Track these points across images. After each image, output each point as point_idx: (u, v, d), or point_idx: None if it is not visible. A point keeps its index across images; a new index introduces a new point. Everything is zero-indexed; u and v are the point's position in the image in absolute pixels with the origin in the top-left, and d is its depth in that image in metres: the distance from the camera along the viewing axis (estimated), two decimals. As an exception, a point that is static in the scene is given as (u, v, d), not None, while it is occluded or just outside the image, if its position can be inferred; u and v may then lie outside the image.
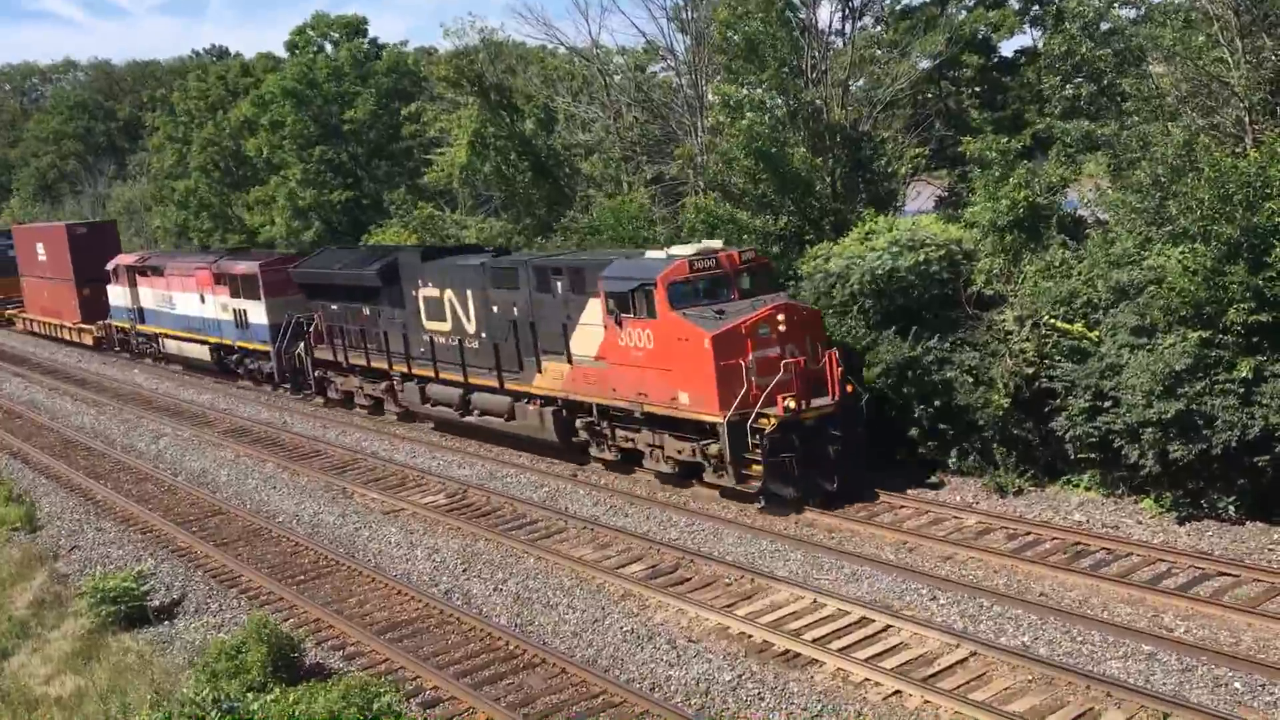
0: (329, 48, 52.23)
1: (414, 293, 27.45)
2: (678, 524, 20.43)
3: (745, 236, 26.75)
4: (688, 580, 17.88)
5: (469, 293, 25.67)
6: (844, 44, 31.06)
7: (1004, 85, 31.31)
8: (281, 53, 57.34)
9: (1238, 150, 19.87)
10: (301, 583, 19.64)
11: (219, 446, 30.09)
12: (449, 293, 26.34)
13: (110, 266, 43.94)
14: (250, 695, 13.78)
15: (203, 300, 37.55)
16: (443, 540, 21.03)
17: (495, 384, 25.30)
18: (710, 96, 30.65)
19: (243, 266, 35.57)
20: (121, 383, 41.37)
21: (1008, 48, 33.51)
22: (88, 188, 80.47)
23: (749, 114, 26.74)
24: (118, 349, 46.49)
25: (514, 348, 24.62)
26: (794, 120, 28.25)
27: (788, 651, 15.14)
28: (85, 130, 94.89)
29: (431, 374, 27.52)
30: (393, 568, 19.98)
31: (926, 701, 13.51)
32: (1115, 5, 25.91)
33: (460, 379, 26.36)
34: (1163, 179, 19.74)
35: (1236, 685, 13.13)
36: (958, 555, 17.67)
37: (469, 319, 25.87)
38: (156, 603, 19.27)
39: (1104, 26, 25.50)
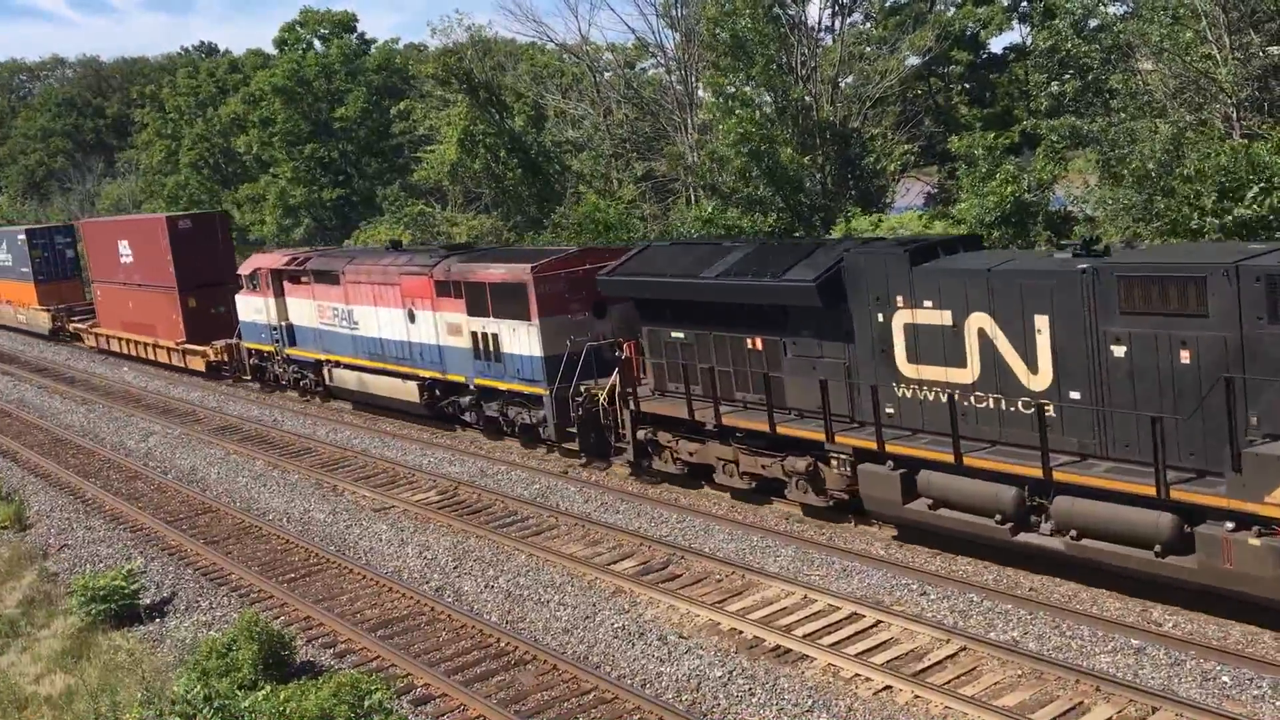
0: (318, 44, 52.13)
1: (882, 316, 17.59)
2: (669, 520, 20.46)
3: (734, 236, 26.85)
4: (679, 576, 17.91)
5: (1038, 319, 15.60)
6: (833, 41, 31.15)
7: (993, 82, 31.40)
8: (271, 49, 57.23)
9: (1223, 144, 19.97)
10: (292, 580, 19.62)
11: (209, 444, 30.04)
12: (980, 319, 16.33)
13: (245, 271, 34.49)
14: (241, 693, 13.77)
15: (411, 318, 27.54)
16: (434, 537, 21.03)
17: (1150, 490, 14.22)
18: (701, 93, 30.72)
19: (499, 271, 24.99)
20: (111, 381, 41.25)
21: (997, 44, 33.68)
22: (77, 185, 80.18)
23: (739, 111, 26.82)
24: (248, 378, 36.67)
25: (1201, 422, 14.05)
26: (782, 117, 28.32)
27: (778, 647, 15.18)
28: (74, 127, 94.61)
29: (926, 454, 16.97)
30: (383, 565, 19.97)
31: (917, 697, 13.55)
32: (1103, 2, 26.02)
33: (1018, 470, 15.82)
34: (1152, 174, 19.86)
35: (1224, 679, 13.20)
36: (944, 552, 17.72)
37: (1033, 364, 15.85)
38: (147, 601, 19.23)
39: (1092, 23, 25.62)
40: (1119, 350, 14.72)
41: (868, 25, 32.04)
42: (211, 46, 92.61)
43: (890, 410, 17.41)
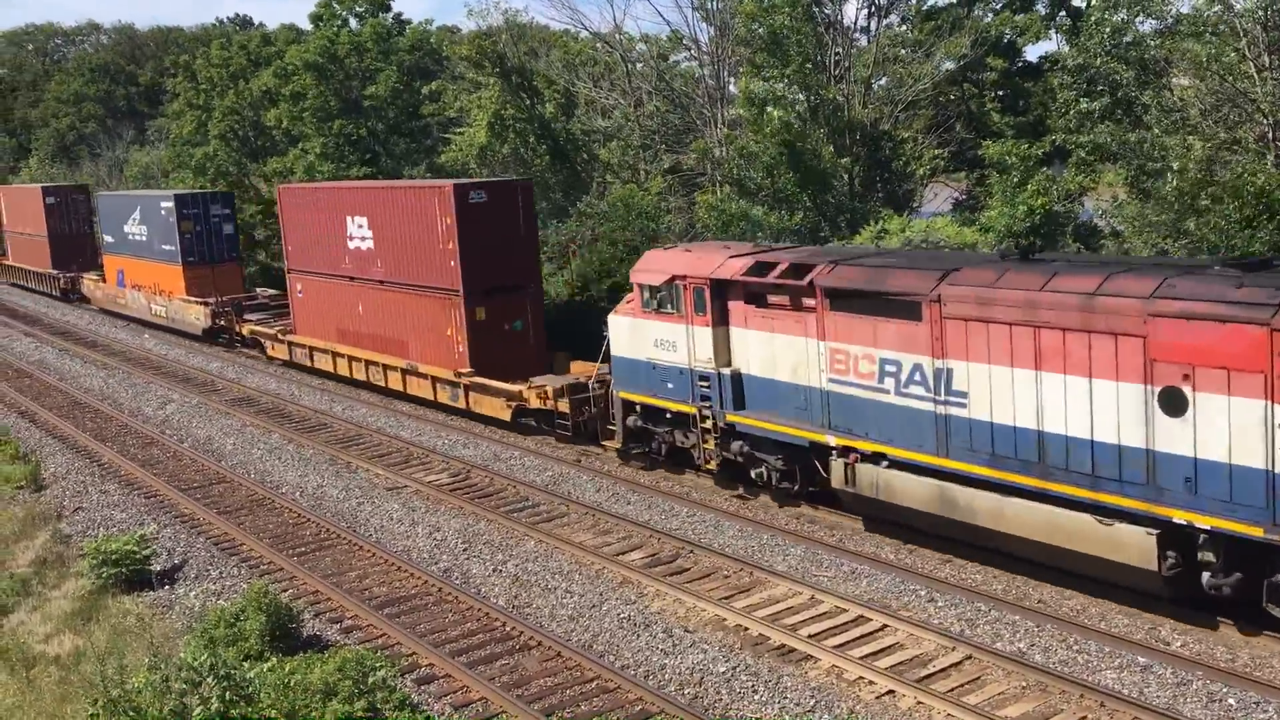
0: (353, 22, 52.22)
1: None
2: (679, 514, 20.47)
3: (759, 235, 26.77)
4: (686, 570, 17.92)
5: None
6: (868, 42, 31.01)
7: (1027, 90, 31.20)
8: (305, 24, 57.37)
9: (1261, 166, 19.80)
10: (302, 554, 19.73)
11: (226, 415, 30.20)
12: None
13: (648, 277, 21.12)
14: (247, 663, 13.85)
15: (1174, 404, 14.14)
16: (444, 519, 21.10)
17: None
18: (733, 89, 30.65)
19: None
20: (131, 347, 41.50)
21: (1033, 53, 33.42)
22: (106, 151, 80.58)
23: (778, 110, 26.74)
24: (621, 446, 22.99)
25: None
26: (815, 116, 28.22)
27: (783, 646, 15.18)
28: (106, 93, 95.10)
29: None
30: (393, 544, 20.05)
31: (919, 703, 13.53)
32: (1138, 19, 25.80)
33: None
34: (1185, 193, 19.71)
35: (1230, 701, 13.13)
36: (955, 559, 17.67)
37: None
38: (158, 567, 19.37)
39: (1125, 39, 25.42)
40: None
41: (904, 28, 31.91)
42: (246, 19, 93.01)
43: None
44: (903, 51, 30.52)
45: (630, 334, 21.63)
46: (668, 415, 21.31)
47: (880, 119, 29.35)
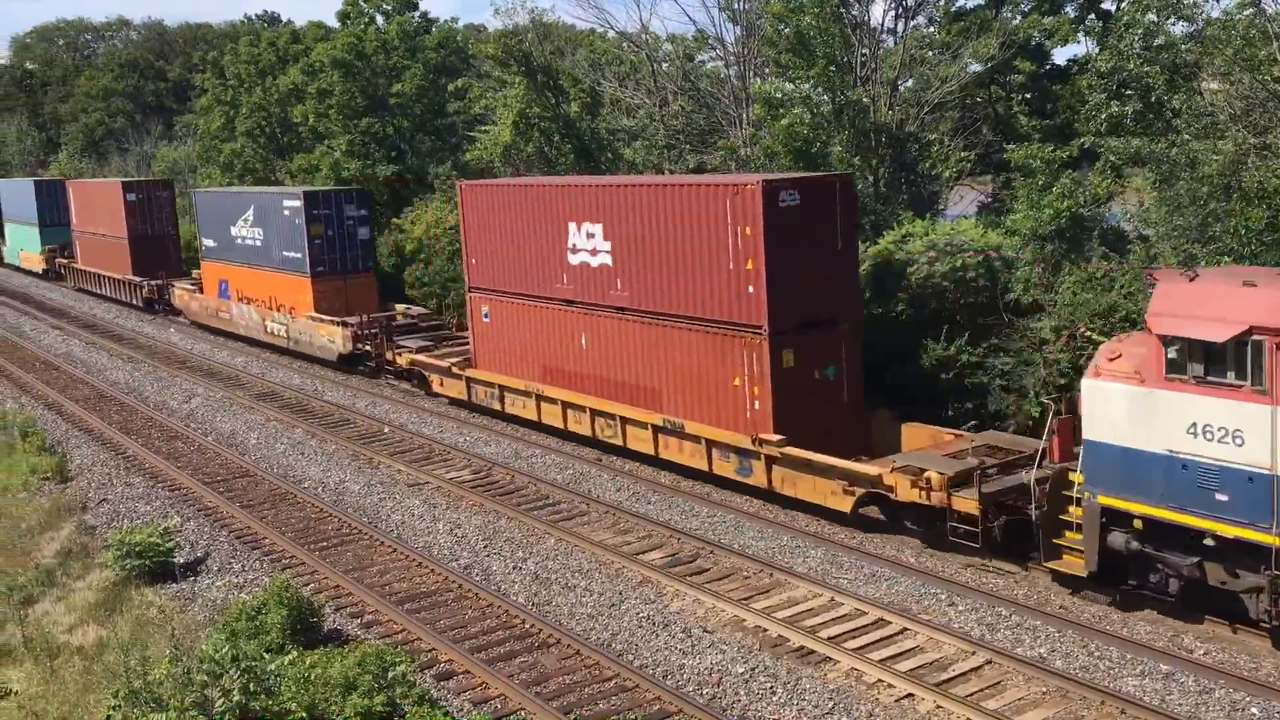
0: (380, 20, 52.40)
1: None
2: (699, 514, 20.46)
3: None
4: (706, 571, 17.91)
5: None
6: (895, 43, 30.88)
7: (1055, 93, 31.00)
8: (332, 21, 57.62)
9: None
10: (324, 549, 19.83)
11: (250, 409, 30.38)
12: None
13: (1199, 330, 14.14)
14: (268, 656, 13.93)
15: None
16: (465, 515, 21.16)
17: None
18: (754, 90, 30.59)
19: None
20: (157, 340, 41.80)
21: (1061, 55, 33.23)
22: (134, 146, 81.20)
23: (794, 110, 26.68)
24: (1098, 574, 16.00)
25: None
26: (839, 118, 28.13)
27: (802, 648, 15.16)
28: (135, 89, 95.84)
29: None
30: (414, 540, 20.13)
31: (939, 707, 13.48)
32: (1169, 21, 25.58)
33: None
34: (1205, 197, 19.54)
35: (1254, 711, 13.02)
36: (977, 561, 17.59)
37: None
38: (181, 559, 19.52)
39: (1155, 42, 25.20)
40: None
41: (931, 29, 31.76)
42: (274, 16, 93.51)
43: None
44: (930, 53, 30.37)
45: (1134, 410, 14.77)
46: (1202, 540, 14.60)
47: (906, 121, 29.22)
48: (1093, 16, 30.64)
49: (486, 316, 27.17)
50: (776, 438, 19.77)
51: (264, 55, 58.82)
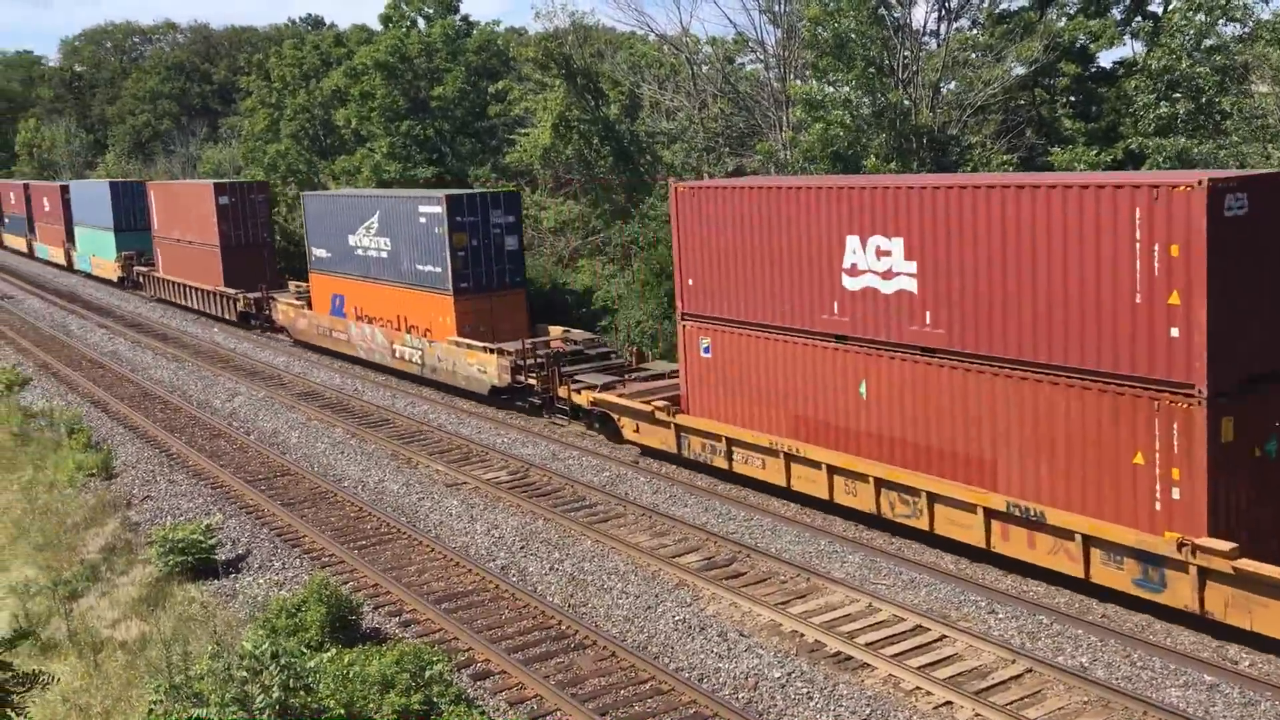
0: (422, 23, 52.80)
1: None
2: (736, 517, 20.41)
3: None
4: (742, 574, 17.86)
5: None
6: (937, 45, 30.67)
7: (1100, 96, 30.64)
8: (375, 24, 58.13)
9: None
10: (363, 547, 19.98)
11: (291, 408, 30.67)
12: None
13: None
14: (307, 653, 14.05)
15: None
16: (502, 516, 21.24)
17: None
18: (794, 92, 30.49)
19: None
20: (201, 340, 42.30)
21: (1106, 58, 32.81)
22: (180, 148, 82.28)
23: (834, 112, 26.57)
24: None
25: None
26: (879, 120, 27.98)
27: (839, 653, 15.07)
28: (181, 91, 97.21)
29: None
30: (452, 539, 20.23)
31: (978, 715, 13.36)
32: (1220, 21, 25.23)
33: None
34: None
35: (1300, 724, 12.78)
36: (1015, 571, 17.40)
37: None
38: (222, 556, 19.73)
39: (1206, 43, 24.89)
40: None
41: (974, 31, 31.50)
42: (318, 19, 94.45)
43: None
44: (973, 55, 30.13)
45: None
46: None
47: (948, 123, 29.01)
48: (1140, 18, 30.28)
49: (707, 351, 21.98)
50: (1223, 545, 14.15)
51: (308, 58, 59.47)
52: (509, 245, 30.51)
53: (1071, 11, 30.47)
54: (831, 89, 28.42)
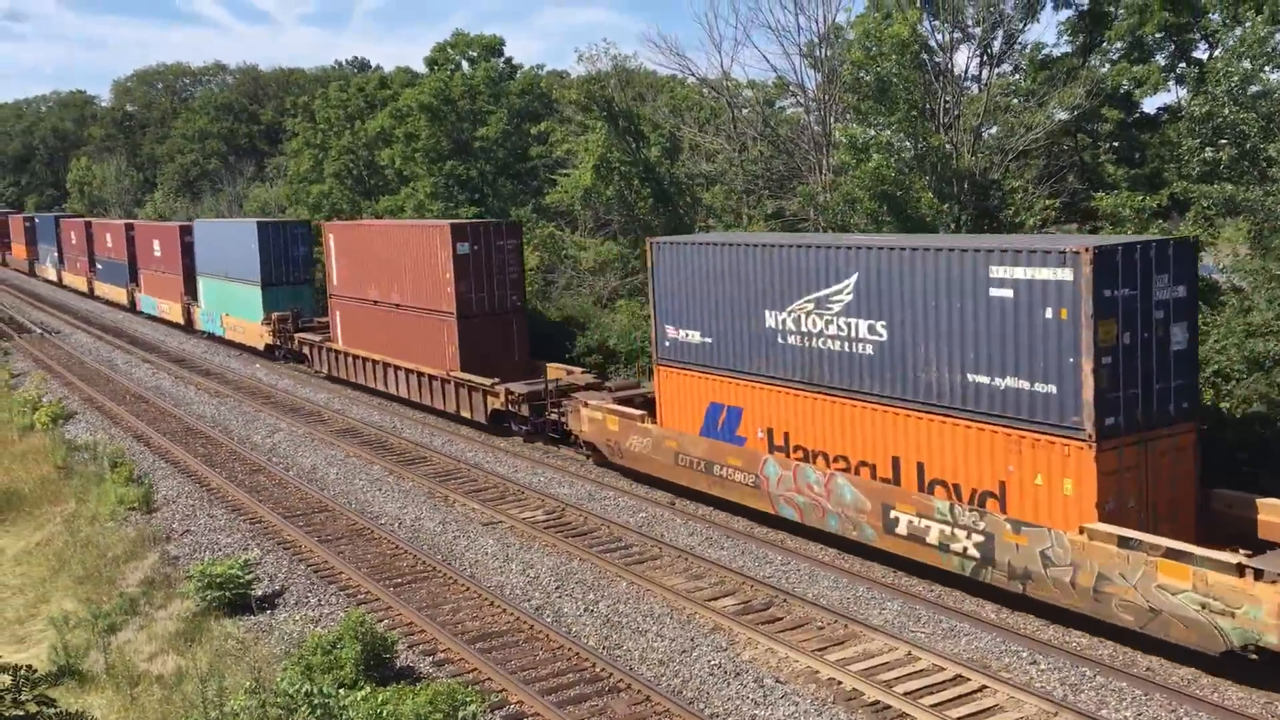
0: (466, 66, 53.54)
1: None
2: (773, 561, 20.23)
3: None
4: (779, 620, 17.67)
5: None
6: (979, 90, 30.65)
7: (1144, 142, 30.45)
8: (419, 67, 59.05)
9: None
10: (399, 585, 19.97)
11: (330, 445, 30.85)
12: None
13: None
14: (341, 691, 14.04)
15: None
16: (538, 556, 21.18)
17: None
18: (837, 135, 30.54)
19: None
20: (243, 376, 42.73)
21: (1150, 104, 32.65)
22: (227, 187, 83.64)
23: (876, 155, 26.59)
24: None
25: None
26: (921, 164, 27.95)
27: (877, 702, 14.83)
28: (229, 131, 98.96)
29: None
30: (488, 579, 20.18)
31: (1019, 768, 13.07)
32: (1265, 68, 25.02)
33: None
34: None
35: (1355, 786, 12.38)
36: (1056, 621, 17.10)
37: None
38: (259, 592, 19.79)
39: (1252, 89, 24.68)
40: None
41: (1016, 77, 31.47)
42: (364, 62, 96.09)
43: None
44: (1014, 101, 30.08)
45: None
46: None
47: (990, 168, 28.91)
48: (1184, 64, 30.13)
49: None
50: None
51: (353, 100, 60.41)
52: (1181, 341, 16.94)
53: (1115, 57, 30.37)
54: (874, 132, 28.44)
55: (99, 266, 69.38)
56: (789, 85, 35.83)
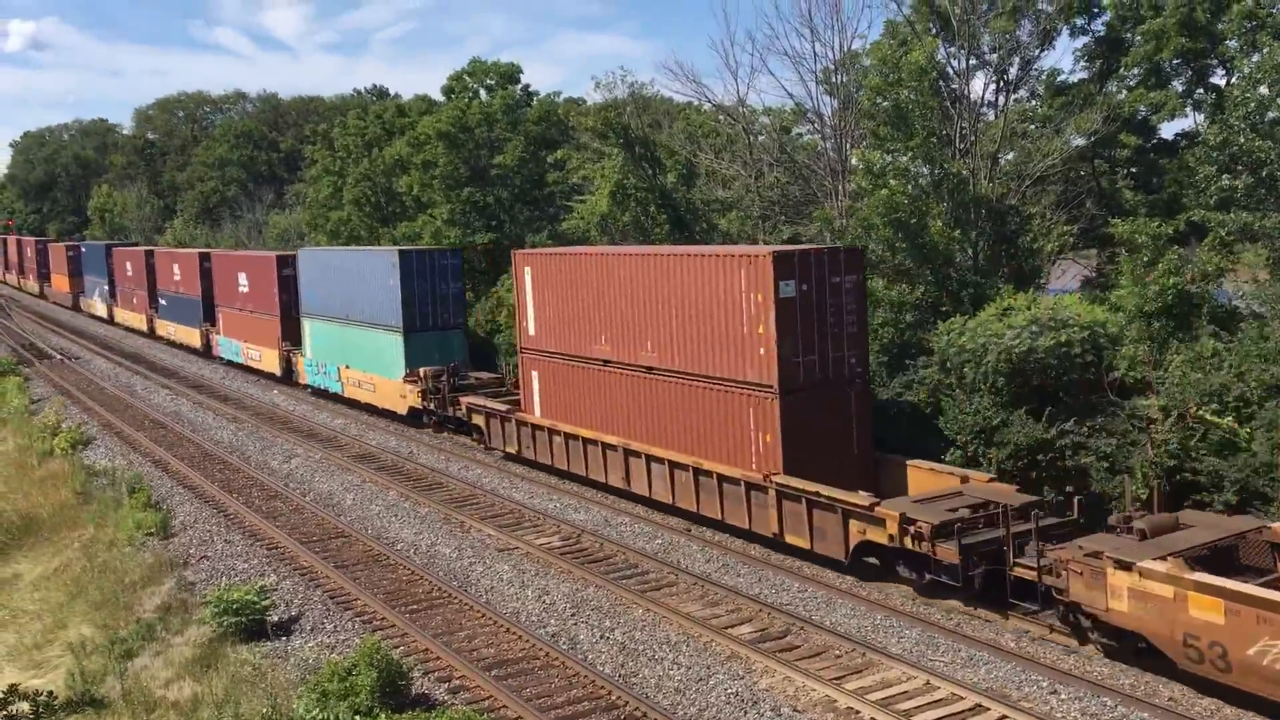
0: (483, 94, 53.87)
1: None
2: (790, 588, 20.11)
3: (877, 307, 26.49)
4: (796, 648, 17.54)
5: None
6: (996, 116, 30.69)
7: (1161, 168, 30.41)
8: (437, 94, 59.47)
9: None
10: (414, 611, 19.93)
11: (347, 470, 30.89)
12: None
13: None
14: (358, 718, 13.99)
15: None
16: (554, 582, 21.11)
17: None
18: (854, 160, 30.59)
19: None
20: (261, 401, 42.88)
21: (1168, 130, 32.61)
22: (247, 214, 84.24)
23: (891, 182, 26.62)
24: None
25: None
26: (938, 190, 27.96)
27: (896, 732, 14.68)
28: (249, 158, 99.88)
29: None
30: (503, 605, 20.12)
31: (1040, 800, 12.89)
32: (1281, 96, 24.98)
33: None
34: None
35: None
36: (1084, 650, 16.93)
37: None
38: (275, 618, 19.78)
39: (1269, 115, 24.64)
40: None
41: (1033, 103, 31.50)
42: (382, 90, 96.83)
43: None
44: (1031, 127, 30.10)
45: None
46: None
47: (1007, 193, 28.91)
48: (1202, 90, 30.13)
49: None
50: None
51: (371, 128, 60.86)
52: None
53: (1132, 83, 30.39)
54: (890, 158, 28.49)
55: (162, 302, 60.12)
56: (805, 112, 35.93)
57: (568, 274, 27.79)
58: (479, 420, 31.73)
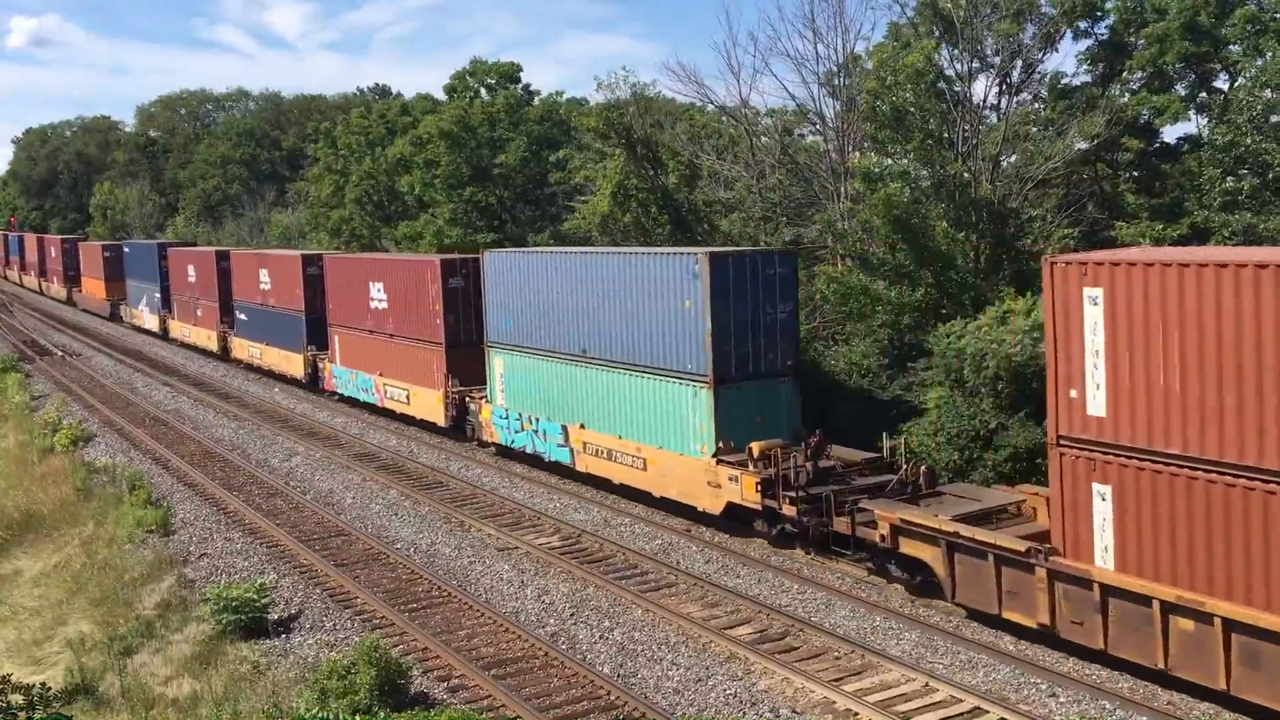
0: (485, 93, 53.93)
1: None
2: (789, 590, 20.12)
3: (877, 308, 26.48)
4: (795, 649, 17.55)
5: None
6: (998, 119, 30.66)
7: (1164, 171, 30.41)
8: (439, 94, 59.53)
9: None
10: (414, 610, 19.94)
11: (348, 469, 30.90)
12: None
13: None
14: (357, 717, 13.99)
15: None
16: (553, 582, 21.12)
17: None
18: (854, 160, 30.55)
19: None
20: (262, 399, 42.86)
21: (1171, 133, 32.62)
22: (249, 212, 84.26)
23: (891, 184, 26.61)
24: None
25: None
26: (938, 192, 27.94)
27: (894, 734, 14.68)
28: (251, 157, 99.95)
29: None
30: (502, 605, 20.13)
31: (1038, 803, 12.89)
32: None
33: None
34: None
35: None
36: (1074, 655, 16.93)
37: None
38: (275, 616, 19.79)
39: (1274, 118, 24.66)
40: None
41: (1036, 106, 31.49)
42: (384, 89, 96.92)
43: None
44: (1033, 129, 30.08)
45: None
46: None
47: (1008, 196, 28.88)
48: (1205, 93, 30.13)
49: None
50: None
51: (374, 127, 60.95)
52: None
53: (1135, 87, 30.38)
54: (890, 161, 28.46)
55: (240, 316, 48.51)
56: (808, 113, 35.90)
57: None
58: (926, 555, 18.58)
